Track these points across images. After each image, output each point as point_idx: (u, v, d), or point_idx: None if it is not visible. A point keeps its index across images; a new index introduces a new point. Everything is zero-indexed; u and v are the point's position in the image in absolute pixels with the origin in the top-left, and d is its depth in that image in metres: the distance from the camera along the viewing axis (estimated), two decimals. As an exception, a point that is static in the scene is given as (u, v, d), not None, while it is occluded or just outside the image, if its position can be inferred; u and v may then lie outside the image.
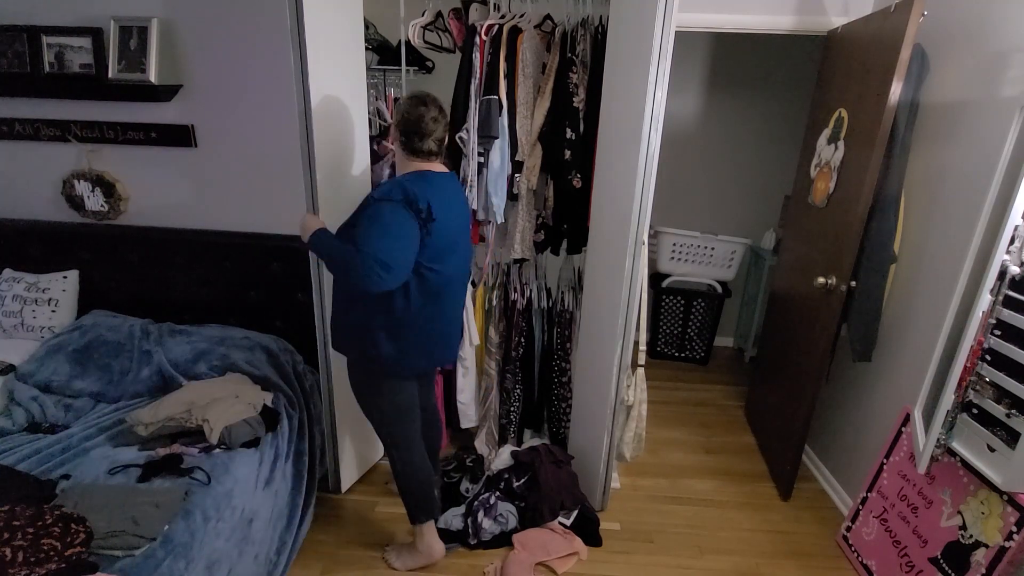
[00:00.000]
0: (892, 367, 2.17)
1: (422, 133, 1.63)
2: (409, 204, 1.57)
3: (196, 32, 2.33)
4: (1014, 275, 1.50)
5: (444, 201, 1.65)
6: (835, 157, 2.23)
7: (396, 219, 1.56)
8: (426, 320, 1.74)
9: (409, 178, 1.64)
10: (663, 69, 1.73)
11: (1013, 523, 1.57)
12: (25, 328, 2.39)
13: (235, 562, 1.65)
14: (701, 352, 3.72)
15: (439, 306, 1.76)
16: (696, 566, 2.10)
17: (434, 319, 1.76)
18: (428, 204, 1.58)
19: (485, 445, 2.57)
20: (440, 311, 1.77)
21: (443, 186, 1.69)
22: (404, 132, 1.65)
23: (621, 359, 2.07)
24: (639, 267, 1.95)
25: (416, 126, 1.63)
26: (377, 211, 1.57)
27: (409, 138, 1.65)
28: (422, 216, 1.58)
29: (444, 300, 1.77)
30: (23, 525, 1.37)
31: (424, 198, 1.58)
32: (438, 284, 1.71)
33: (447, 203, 1.67)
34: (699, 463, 2.70)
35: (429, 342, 1.79)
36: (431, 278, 1.68)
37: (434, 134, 1.65)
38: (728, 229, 3.59)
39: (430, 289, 1.70)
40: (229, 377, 2.14)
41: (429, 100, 1.65)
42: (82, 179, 2.52)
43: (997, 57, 1.77)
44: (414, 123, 1.63)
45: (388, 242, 1.54)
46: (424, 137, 1.64)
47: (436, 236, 1.62)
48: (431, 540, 1.99)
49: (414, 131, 1.63)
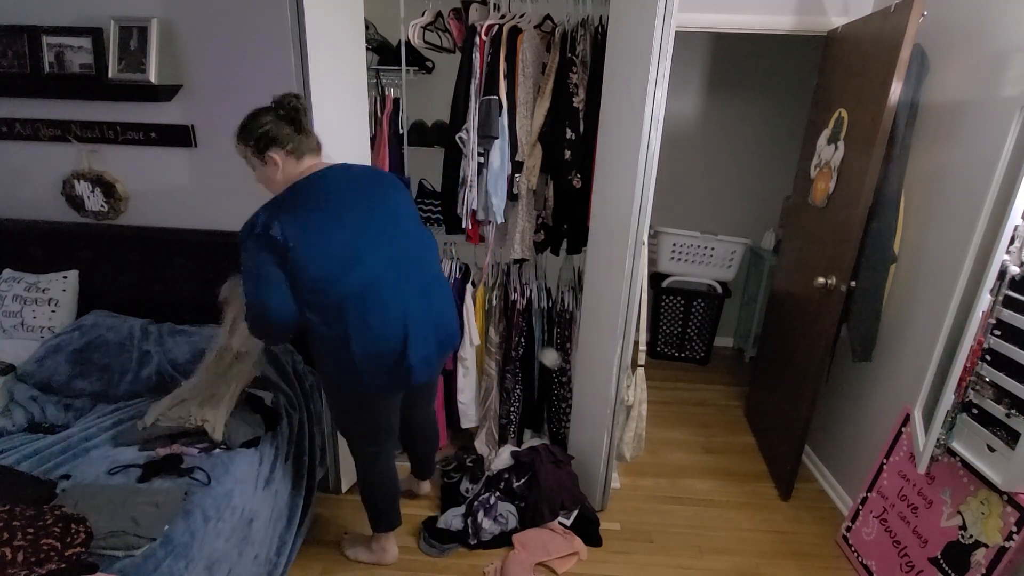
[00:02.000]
0: (892, 367, 2.17)
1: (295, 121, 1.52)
2: (261, 239, 1.44)
3: (196, 32, 2.33)
4: (1014, 275, 1.50)
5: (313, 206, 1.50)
6: (835, 157, 2.23)
7: (253, 259, 1.46)
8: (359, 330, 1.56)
9: (265, 208, 1.50)
10: (663, 69, 1.73)
11: (1013, 523, 1.57)
12: (25, 328, 2.39)
13: (235, 562, 1.65)
14: (701, 352, 3.72)
15: (375, 318, 1.57)
16: (696, 566, 2.10)
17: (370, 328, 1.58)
18: (281, 233, 1.43)
19: (485, 445, 2.57)
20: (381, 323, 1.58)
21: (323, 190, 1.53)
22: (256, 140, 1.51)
23: (621, 359, 2.07)
24: (639, 267, 1.95)
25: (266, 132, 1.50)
26: (241, 256, 1.48)
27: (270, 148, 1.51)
28: (278, 247, 1.44)
29: (380, 310, 1.58)
30: (23, 525, 1.37)
31: (277, 229, 1.43)
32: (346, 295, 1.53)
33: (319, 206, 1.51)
34: (699, 463, 2.70)
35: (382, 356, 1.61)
36: (327, 291, 1.52)
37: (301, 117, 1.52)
38: (728, 229, 3.59)
39: (337, 297, 1.53)
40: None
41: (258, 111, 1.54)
42: (82, 179, 2.52)
43: (997, 57, 1.77)
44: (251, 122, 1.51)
45: (253, 287, 1.47)
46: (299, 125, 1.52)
47: (308, 261, 1.47)
48: (387, 545, 2.03)
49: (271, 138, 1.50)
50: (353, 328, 1.56)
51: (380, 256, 1.58)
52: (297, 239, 1.45)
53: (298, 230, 1.46)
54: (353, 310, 1.55)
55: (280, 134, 1.52)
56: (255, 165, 1.57)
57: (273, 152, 1.52)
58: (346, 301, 1.54)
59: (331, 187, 1.56)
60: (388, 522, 1.99)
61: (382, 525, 1.99)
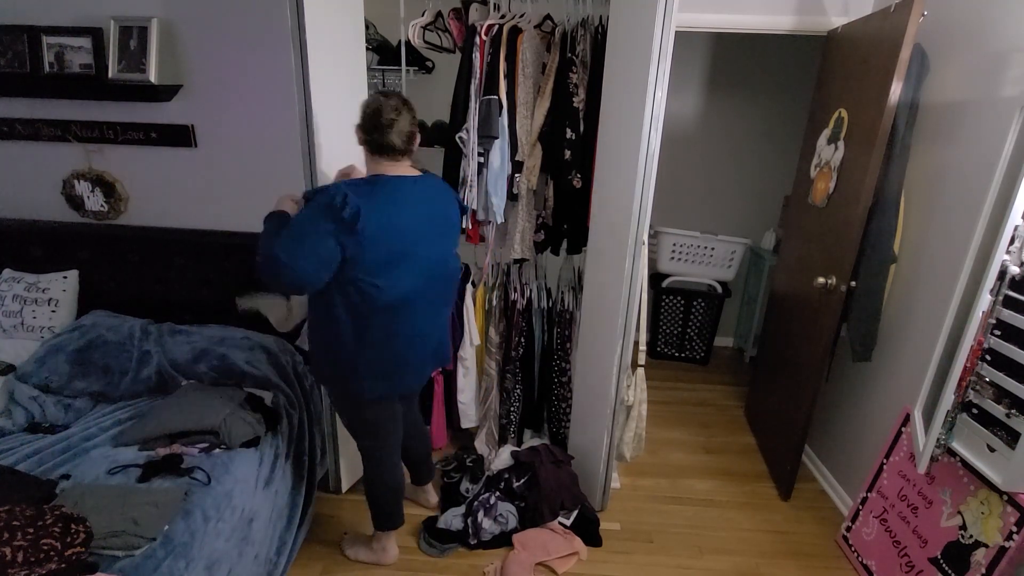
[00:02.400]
0: (892, 367, 2.17)
1: (382, 126, 1.53)
2: (330, 210, 1.46)
3: (196, 32, 2.33)
4: (1014, 275, 1.50)
5: (390, 207, 1.53)
6: (835, 157, 2.23)
7: (308, 222, 1.48)
8: (372, 341, 1.62)
9: (353, 182, 1.55)
10: (663, 69, 1.73)
11: (1013, 523, 1.57)
12: (25, 328, 2.39)
13: (235, 562, 1.65)
14: (701, 352, 3.72)
15: (393, 326, 1.62)
16: (696, 566, 2.10)
17: (389, 340, 1.63)
18: (357, 210, 1.45)
19: (485, 445, 2.57)
20: (396, 331, 1.63)
21: (396, 190, 1.57)
22: (365, 129, 1.56)
23: (621, 359, 2.07)
24: (639, 267, 1.96)
25: (375, 119, 1.53)
26: (302, 210, 1.53)
27: (371, 135, 1.55)
28: (344, 223, 1.46)
29: (400, 319, 1.63)
30: (23, 525, 1.37)
31: (353, 204, 1.46)
32: (386, 301, 1.58)
33: (393, 210, 1.54)
34: (699, 463, 2.70)
35: (386, 365, 1.67)
36: (373, 294, 1.55)
37: (396, 126, 1.53)
38: (728, 229, 3.59)
39: (375, 307, 1.57)
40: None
41: (391, 93, 1.57)
42: (82, 179, 2.52)
43: (997, 57, 1.77)
44: (372, 116, 1.54)
45: (291, 241, 1.47)
46: (385, 130, 1.53)
47: (369, 246, 1.50)
48: (387, 544, 2.03)
49: (374, 126, 1.54)
50: (378, 330, 1.61)
51: (423, 271, 1.64)
52: (367, 221, 1.48)
53: (374, 215, 1.49)
54: (388, 315, 1.60)
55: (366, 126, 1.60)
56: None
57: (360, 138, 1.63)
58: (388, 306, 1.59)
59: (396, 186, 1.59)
60: (391, 521, 1.99)
61: (384, 524, 1.99)
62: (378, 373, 1.67)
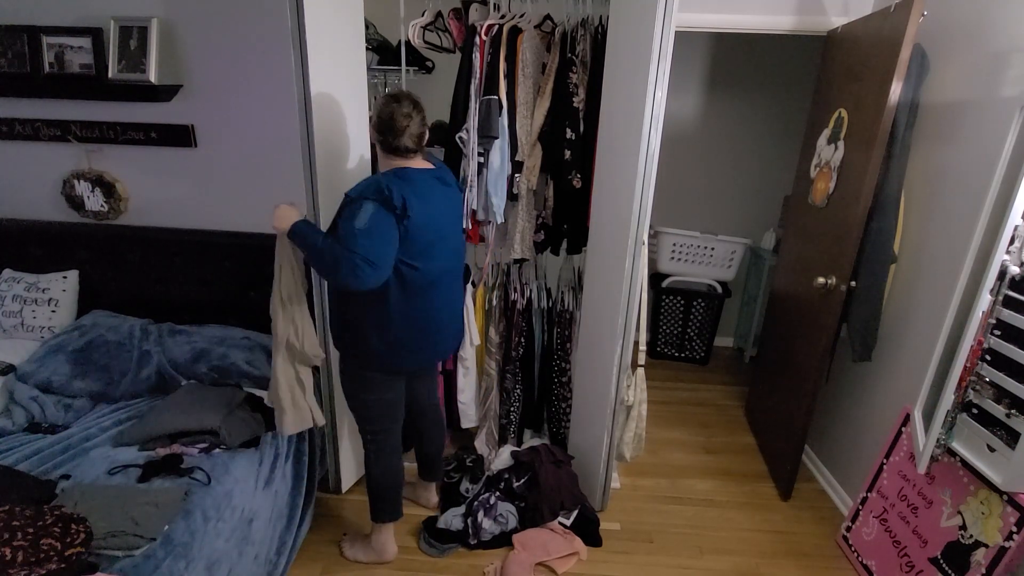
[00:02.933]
0: (892, 367, 2.17)
1: (396, 130, 1.63)
2: (384, 202, 1.57)
3: (196, 32, 2.33)
4: (1014, 275, 1.50)
5: (422, 197, 1.65)
6: (835, 157, 2.23)
7: (375, 216, 1.57)
8: (413, 316, 1.75)
9: (385, 175, 1.64)
10: (663, 69, 1.73)
11: (1013, 523, 1.57)
12: (25, 328, 2.39)
13: (235, 562, 1.65)
14: (701, 352, 3.72)
15: (426, 302, 1.77)
16: (696, 566, 2.10)
17: (422, 315, 1.77)
18: (403, 201, 1.58)
19: (485, 445, 2.57)
20: (428, 306, 1.78)
21: (422, 182, 1.69)
22: (379, 130, 1.65)
23: (621, 359, 2.07)
24: (639, 267, 1.95)
25: (389, 124, 1.63)
26: (355, 210, 1.57)
27: (384, 136, 1.65)
28: (396, 213, 1.58)
29: (432, 296, 1.78)
30: (23, 525, 1.37)
31: (399, 195, 1.58)
32: (422, 280, 1.72)
33: (426, 199, 1.67)
34: (699, 463, 2.70)
35: (419, 338, 1.80)
36: (413, 275, 1.69)
37: (408, 130, 1.63)
38: (728, 229, 3.59)
39: (414, 285, 1.71)
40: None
41: (402, 96, 1.65)
42: (82, 179, 2.52)
43: (997, 57, 1.77)
44: (387, 121, 1.63)
45: (369, 240, 1.55)
46: (398, 134, 1.63)
47: (414, 233, 1.63)
48: (386, 540, 2.04)
49: (388, 129, 1.63)
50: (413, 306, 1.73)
51: (450, 248, 1.80)
52: (413, 210, 1.60)
53: (413, 203, 1.61)
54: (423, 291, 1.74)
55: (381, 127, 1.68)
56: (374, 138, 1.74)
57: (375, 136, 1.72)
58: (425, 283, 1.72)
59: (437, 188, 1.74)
60: (389, 512, 2.00)
61: (383, 515, 1.99)
62: (410, 346, 1.79)
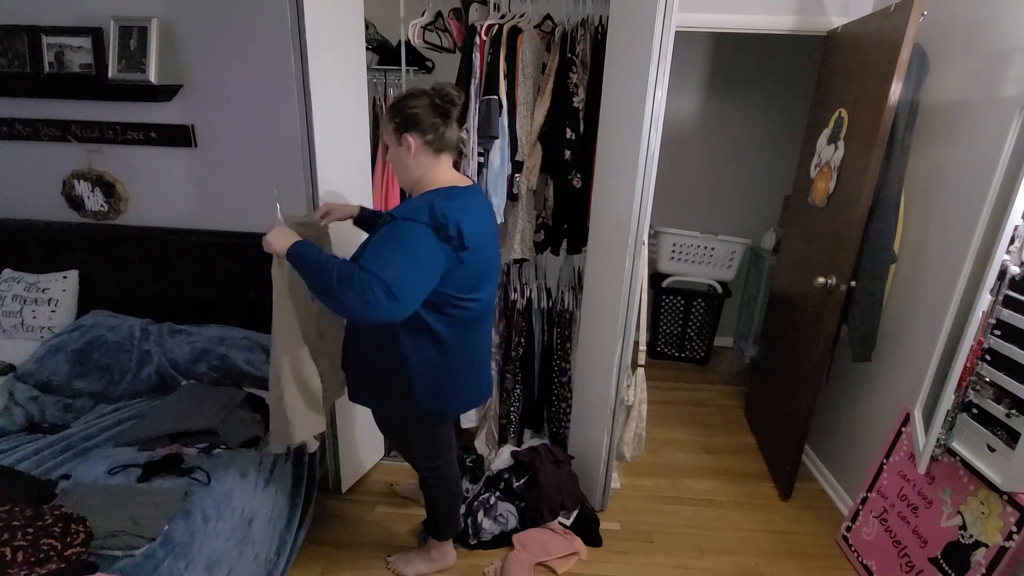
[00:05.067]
0: (892, 367, 2.17)
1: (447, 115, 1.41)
2: (437, 229, 1.33)
3: (196, 32, 2.33)
4: (1014, 275, 1.50)
5: (476, 221, 1.44)
6: (835, 157, 2.23)
7: (420, 244, 1.32)
8: (467, 358, 1.57)
9: (438, 195, 1.40)
10: (663, 69, 1.73)
11: (1013, 523, 1.57)
12: (25, 328, 2.39)
13: (235, 562, 1.65)
14: (701, 352, 3.72)
15: (477, 339, 1.59)
16: (696, 566, 2.10)
17: (474, 354, 1.61)
18: (459, 229, 1.35)
19: (485, 445, 2.57)
20: (478, 344, 1.61)
21: (471, 202, 1.46)
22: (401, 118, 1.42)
23: (621, 359, 2.07)
24: (639, 267, 1.95)
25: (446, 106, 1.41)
26: (399, 232, 1.33)
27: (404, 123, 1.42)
28: (452, 243, 1.35)
29: (481, 331, 1.61)
30: (23, 525, 1.37)
31: (454, 222, 1.35)
32: (473, 316, 1.52)
33: (479, 223, 1.45)
34: (699, 463, 2.70)
35: (470, 381, 1.64)
36: (469, 309, 1.48)
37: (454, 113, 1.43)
38: (728, 229, 3.59)
39: (467, 322, 1.51)
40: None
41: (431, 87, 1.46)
42: (82, 179, 2.52)
43: (997, 57, 1.77)
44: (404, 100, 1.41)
45: (403, 267, 1.30)
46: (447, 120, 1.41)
47: (470, 264, 1.41)
48: (446, 549, 2.02)
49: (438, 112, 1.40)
50: (470, 347, 1.57)
51: (495, 274, 1.62)
52: (471, 240, 1.39)
53: (469, 231, 1.39)
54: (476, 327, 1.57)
55: (424, 121, 1.42)
56: (391, 143, 1.49)
57: (410, 136, 1.43)
58: (478, 320, 1.56)
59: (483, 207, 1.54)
60: (453, 528, 1.99)
61: (448, 532, 1.98)
62: (461, 392, 1.61)
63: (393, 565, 2.01)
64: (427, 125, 1.42)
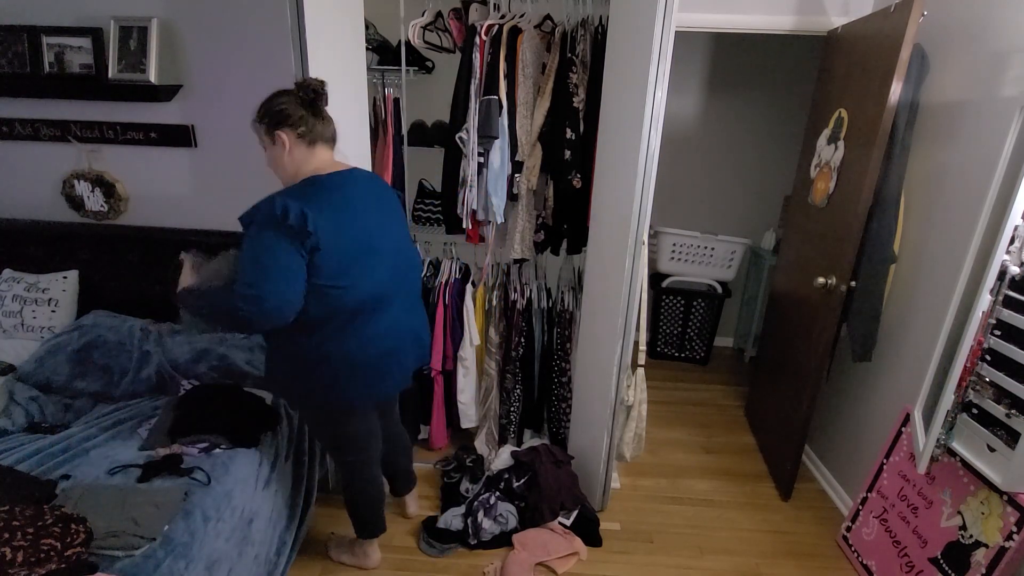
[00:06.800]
0: (892, 367, 2.17)
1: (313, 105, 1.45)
2: (278, 224, 1.36)
3: (196, 32, 2.33)
4: (1014, 275, 1.50)
5: (336, 206, 1.44)
6: (835, 157, 2.23)
7: (262, 245, 1.37)
8: (355, 346, 1.54)
9: (288, 189, 1.44)
10: (663, 69, 1.73)
11: (1013, 523, 1.57)
12: (25, 328, 2.39)
13: (235, 562, 1.65)
14: (701, 352, 3.72)
15: (369, 328, 1.54)
16: (696, 566, 2.10)
17: (366, 344, 1.55)
18: (302, 218, 1.36)
19: (485, 445, 2.57)
20: (372, 333, 1.55)
21: (338, 187, 1.47)
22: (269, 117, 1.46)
23: (621, 359, 2.07)
24: (639, 267, 1.95)
25: (271, 99, 1.45)
26: (246, 241, 1.40)
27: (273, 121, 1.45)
28: (295, 232, 1.36)
29: (375, 320, 1.55)
30: (23, 525, 1.37)
31: (296, 211, 1.36)
32: (355, 303, 1.49)
33: (346, 206, 1.46)
34: (699, 463, 2.70)
35: (369, 369, 1.59)
36: (340, 296, 1.46)
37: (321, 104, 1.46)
38: (728, 229, 3.59)
39: (345, 310, 1.48)
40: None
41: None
42: (82, 179, 2.52)
43: (997, 57, 1.77)
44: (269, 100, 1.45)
45: (256, 274, 1.36)
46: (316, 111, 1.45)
47: (328, 250, 1.40)
48: (369, 551, 2.01)
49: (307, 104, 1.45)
50: (351, 336, 1.53)
51: (388, 265, 1.57)
52: (325, 233, 1.39)
53: (325, 224, 1.39)
54: (360, 318, 1.53)
55: (294, 115, 1.46)
56: (265, 144, 1.51)
57: (283, 132, 1.46)
58: (357, 307, 1.51)
59: (354, 190, 1.52)
60: (371, 530, 1.97)
61: (365, 532, 1.97)
62: (361, 379, 1.59)
63: (330, 542, 2.09)
64: (296, 118, 1.46)
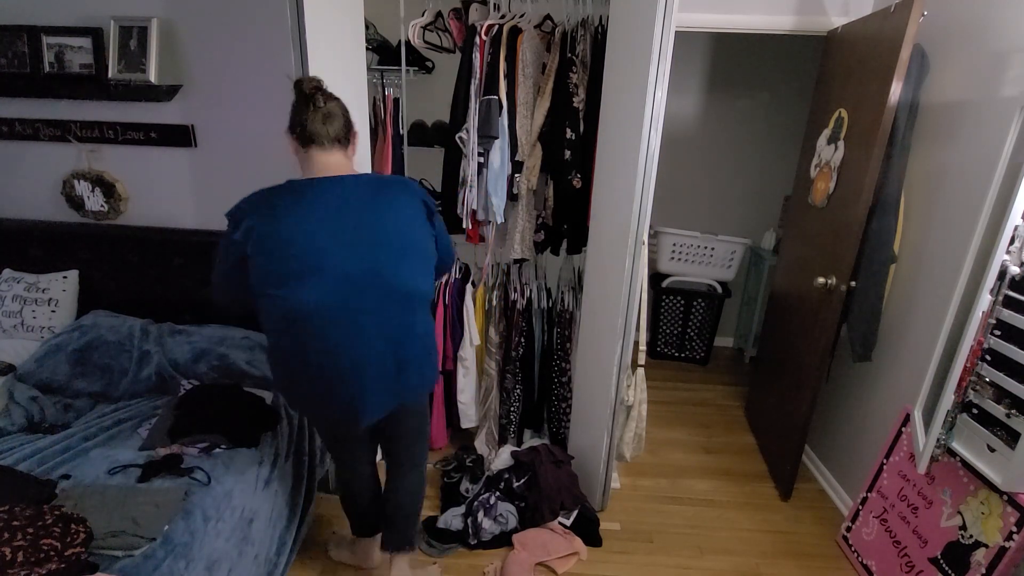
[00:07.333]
0: (892, 367, 2.17)
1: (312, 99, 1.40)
2: (230, 219, 1.42)
3: (196, 32, 2.33)
4: (1014, 275, 1.50)
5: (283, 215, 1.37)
6: (835, 157, 2.23)
7: (223, 240, 1.45)
8: (287, 355, 1.48)
9: (261, 190, 1.43)
10: (663, 69, 1.73)
11: (1013, 523, 1.57)
12: (25, 328, 2.39)
13: (235, 562, 1.65)
14: (701, 352, 3.72)
15: (301, 341, 1.42)
16: (696, 566, 2.10)
17: (297, 355, 1.45)
18: (236, 222, 1.38)
19: (485, 445, 2.57)
20: (304, 347, 1.43)
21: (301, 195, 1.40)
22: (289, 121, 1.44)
23: (621, 359, 2.07)
24: (639, 267, 1.95)
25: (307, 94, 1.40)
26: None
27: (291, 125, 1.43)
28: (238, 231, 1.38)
29: (307, 336, 1.41)
30: (23, 525, 1.37)
31: (242, 214, 1.38)
32: (294, 315, 1.39)
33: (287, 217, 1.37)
34: (699, 463, 2.70)
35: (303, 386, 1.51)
36: (275, 304, 1.40)
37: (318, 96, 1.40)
38: (728, 229, 3.59)
39: (280, 317, 1.42)
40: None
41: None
42: (82, 179, 2.52)
43: (997, 57, 1.77)
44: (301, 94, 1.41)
45: (216, 265, 1.48)
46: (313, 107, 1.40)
47: (257, 259, 1.37)
48: (369, 550, 1.99)
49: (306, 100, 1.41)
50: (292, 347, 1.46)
51: (338, 278, 1.39)
52: (254, 241, 1.36)
53: (261, 231, 1.36)
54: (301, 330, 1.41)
55: (294, 117, 1.44)
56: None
57: (288, 135, 1.46)
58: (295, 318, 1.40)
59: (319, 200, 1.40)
60: (359, 529, 1.96)
61: (355, 530, 1.97)
62: (299, 393, 1.54)
63: (330, 540, 2.09)
64: (294, 121, 1.44)
